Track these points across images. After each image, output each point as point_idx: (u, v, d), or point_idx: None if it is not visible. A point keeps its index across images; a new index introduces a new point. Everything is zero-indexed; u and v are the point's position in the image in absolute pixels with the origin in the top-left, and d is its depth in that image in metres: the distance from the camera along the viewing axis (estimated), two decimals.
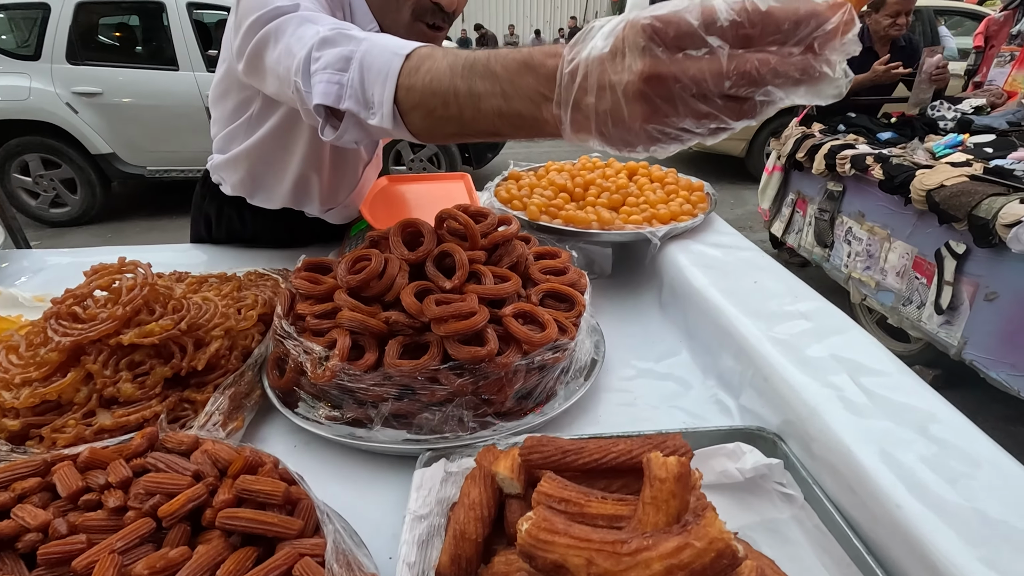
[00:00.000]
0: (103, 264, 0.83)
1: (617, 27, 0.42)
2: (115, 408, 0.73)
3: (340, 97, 0.66)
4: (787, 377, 0.73)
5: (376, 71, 0.63)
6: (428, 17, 0.99)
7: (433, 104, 0.59)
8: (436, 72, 0.58)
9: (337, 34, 0.69)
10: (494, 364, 0.76)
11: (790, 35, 0.38)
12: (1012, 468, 0.59)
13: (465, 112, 0.56)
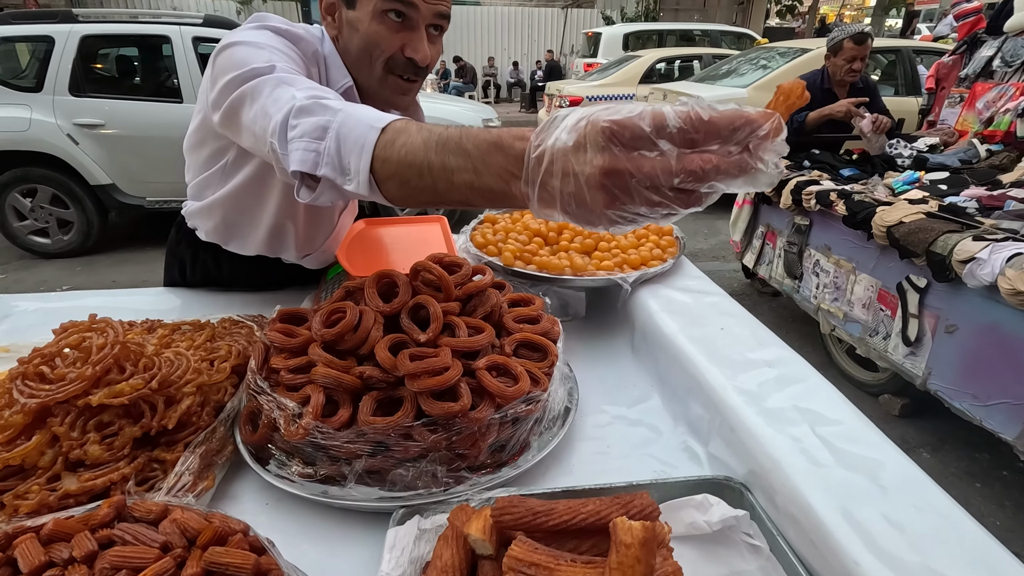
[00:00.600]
0: (73, 322, 0.82)
1: (580, 123, 0.46)
2: (81, 471, 0.72)
3: (317, 164, 0.68)
4: (751, 428, 0.76)
5: (352, 142, 0.66)
6: (401, 71, 1.02)
7: (408, 175, 0.63)
8: (411, 146, 0.62)
9: (314, 103, 0.72)
10: (468, 419, 0.77)
11: (729, 139, 0.44)
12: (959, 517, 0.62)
13: (439, 184, 0.60)
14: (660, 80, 8.43)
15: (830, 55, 3.32)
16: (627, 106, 0.45)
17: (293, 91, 0.78)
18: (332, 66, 1.04)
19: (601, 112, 0.45)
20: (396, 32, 0.97)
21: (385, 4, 0.94)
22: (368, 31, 0.97)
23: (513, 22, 18.00)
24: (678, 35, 11.34)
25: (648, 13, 16.51)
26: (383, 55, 0.99)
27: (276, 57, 0.89)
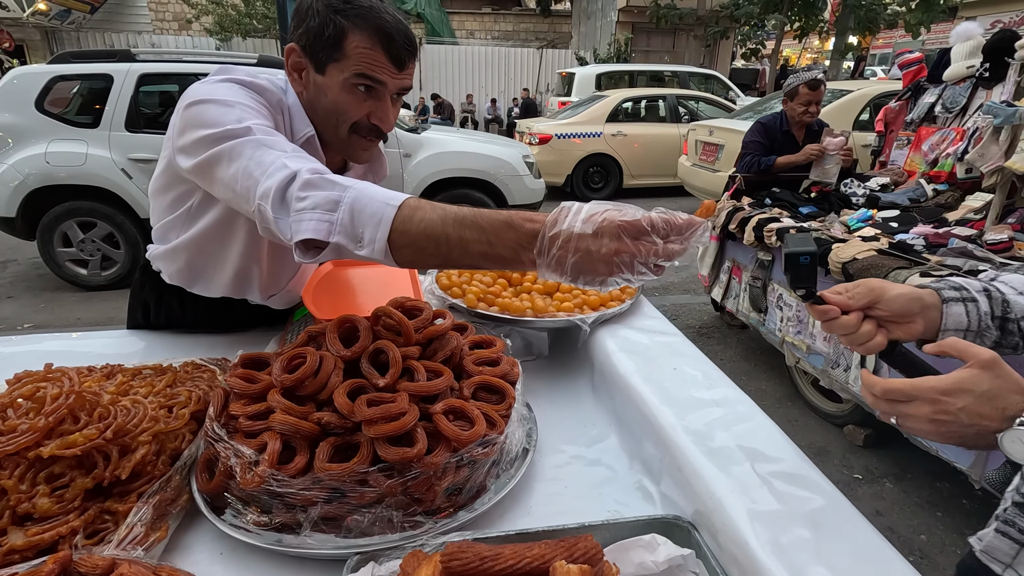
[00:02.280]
0: (27, 372, 0.82)
1: (596, 217, 0.68)
2: (29, 525, 0.71)
3: (330, 233, 0.77)
4: (697, 467, 0.79)
5: (368, 215, 0.76)
6: (365, 133, 1.07)
7: (425, 245, 0.75)
8: (428, 222, 0.75)
9: (320, 178, 0.79)
10: (423, 464, 0.78)
11: (684, 235, 0.68)
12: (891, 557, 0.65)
13: (454, 252, 0.75)
14: (626, 119, 8.76)
15: (787, 99, 3.51)
16: (630, 210, 0.68)
17: (277, 155, 0.85)
18: (295, 116, 1.09)
19: (614, 213, 0.67)
20: (363, 101, 1.03)
21: (355, 79, 1.00)
22: (336, 98, 1.02)
23: (490, 61, 18.51)
24: (648, 76, 11.79)
25: (620, 54, 17.16)
26: (351, 119, 1.04)
27: (247, 115, 0.94)
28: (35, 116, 4.51)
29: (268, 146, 0.87)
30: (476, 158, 5.47)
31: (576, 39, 20.65)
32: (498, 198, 5.55)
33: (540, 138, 8.33)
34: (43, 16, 14.58)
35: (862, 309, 0.80)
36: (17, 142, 4.53)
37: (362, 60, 0.98)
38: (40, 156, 4.50)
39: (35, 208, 4.63)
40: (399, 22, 1.00)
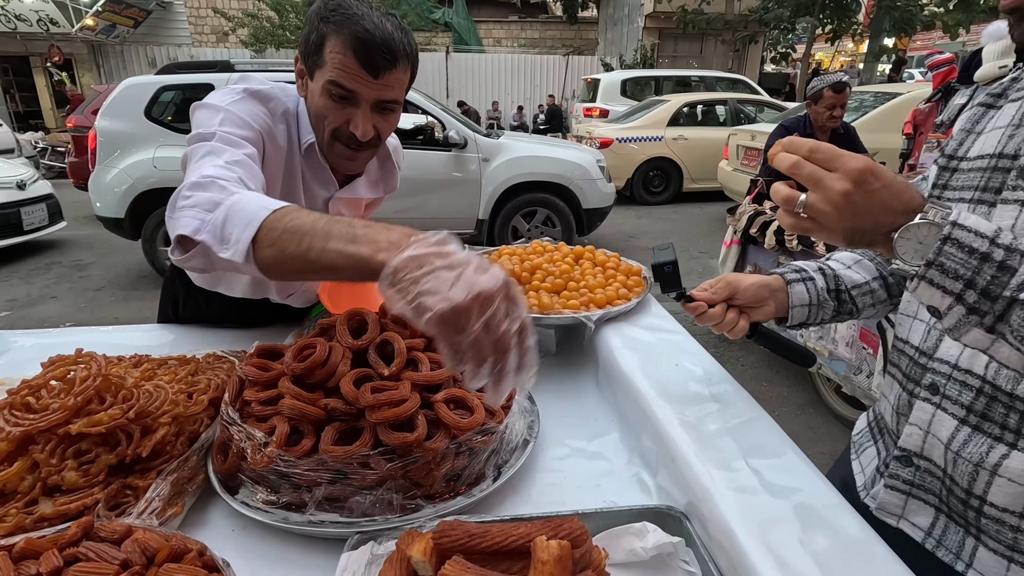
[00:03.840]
0: (60, 356, 0.88)
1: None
2: (57, 496, 0.76)
3: (198, 231, 0.77)
4: (689, 459, 0.80)
5: (242, 216, 0.75)
6: (345, 140, 1.09)
7: (287, 241, 0.71)
8: (299, 219, 0.72)
9: (210, 182, 0.81)
10: (423, 449, 0.81)
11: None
12: (878, 551, 0.65)
13: (316, 242, 0.68)
14: (686, 123, 8.75)
15: (811, 103, 3.46)
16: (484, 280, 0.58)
17: (213, 161, 0.89)
18: (302, 123, 1.14)
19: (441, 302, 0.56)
20: (342, 108, 1.04)
21: (328, 86, 1.01)
22: (319, 103, 1.05)
23: (517, 68, 18.66)
24: (675, 81, 11.72)
25: (646, 60, 17.10)
26: (330, 125, 1.07)
27: (227, 121, 0.99)
28: (144, 123, 4.81)
29: (215, 154, 0.91)
30: (552, 162, 5.53)
31: (602, 45, 20.66)
32: (572, 201, 5.60)
33: (601, 142, 8.34)
34: (90, 31, 15.31)
35: (725, 301, 0.95)
36: (127, 148, 4.83)
37: (335, 67, 0.99)
38: (148, 161, 4.79)
39: (142, 210, 4.90)
40: (382, 30, 0.98)
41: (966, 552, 0.75)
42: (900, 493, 0.82)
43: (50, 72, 16.72)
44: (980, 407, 0.71)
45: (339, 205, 1.29)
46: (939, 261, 0.56)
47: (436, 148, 5.27)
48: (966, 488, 0.73)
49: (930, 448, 0.77)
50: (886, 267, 0.97)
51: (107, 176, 4.86)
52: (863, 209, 0.59)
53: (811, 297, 0.95)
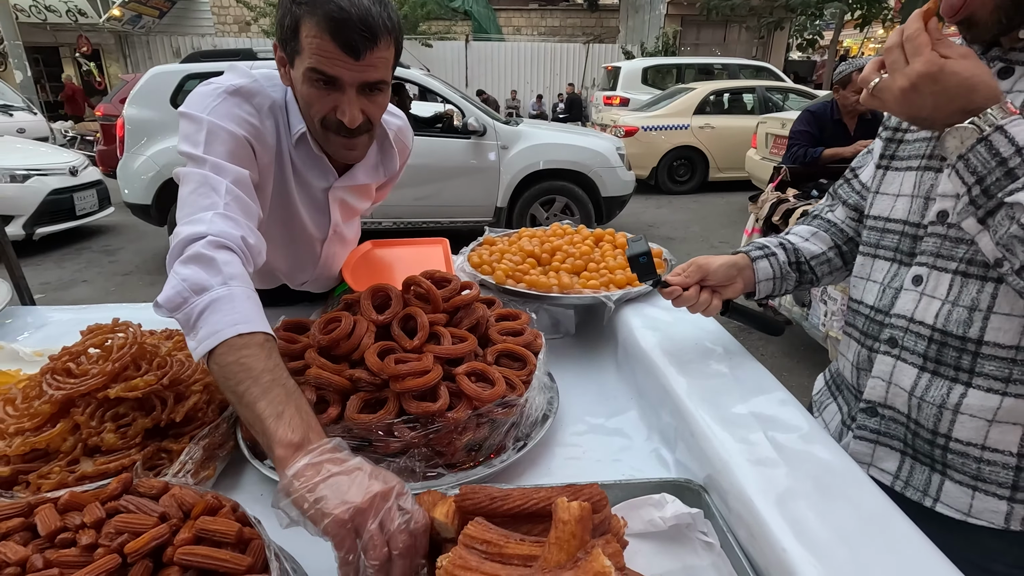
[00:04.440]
0: (98, 324, 0.92)
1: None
2: (97, 456, 0.80)
3: (178, 308, 0.78)
4: (709, 433, 0.81)
5: (214, 321, 0.75)
6: (335, 129, 1.03)
7: (232, 374, 0.73)
8: (251, 360, 0.73)
9: (212, 257, 0.81)
10: (445, 418, 0.83)
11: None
12: (895, 519, 0.65)
13: (246, 396, 0.70)
14: (713, 111, 8.59)
15: (839, 87, 3.39)
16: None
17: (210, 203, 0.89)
18: (292, 112, 1.09)
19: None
20: (326, 94, 0.98)
21: (310, 73, 0.95)
22: (303, 91, 0.99)
23: (536, 57, 18.51)
24: (697, 69, 11.53)
25: (667, 48, 16.82)
26: (318, 114, 1.01)
27: (212, 137, 0.96)
28: (170, 111, 4.86)
29: (211, 187, 0.91)
30: (571, 150, 5.49)
31: (623, 33, 20.38)
32: (591, 189, 5.56)
33: (626, 130, 8.26)
34: (117, 21, 15.57)
35: (697, 283, 1.02)
36: (153, 136, 4.91)
37: (314, 52, 0.92)
38: (174, 149, 4.80)
39: (168, 197, 4.98)
40: (358, 5, 0.90)
41: (933, 488, 0.83)
42: (868, 442, 0.90)
43: (79, 62, 17.06)
44: (934, 354, 0.79)
45: (341, 193, 1.24)
46: (967, 156, 0.66)
47: (455, 136, 5.27)
48: (932, 429, 0.80)
49: (893, 397, 0.85)
50: (840, 237, 1.06)
51: (135, 163, 4.97)
52: (918, 104, 0.68)
53: (775, 271, 1.04)
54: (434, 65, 15.00)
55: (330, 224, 1.26)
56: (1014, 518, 0.77)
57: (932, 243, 0.80)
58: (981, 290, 0.74)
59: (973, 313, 0.75)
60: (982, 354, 0.75)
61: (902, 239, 0.86)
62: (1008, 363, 0.73)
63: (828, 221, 1.08)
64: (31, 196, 5.47)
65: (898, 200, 0.87)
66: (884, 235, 0.90)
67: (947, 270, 0.78)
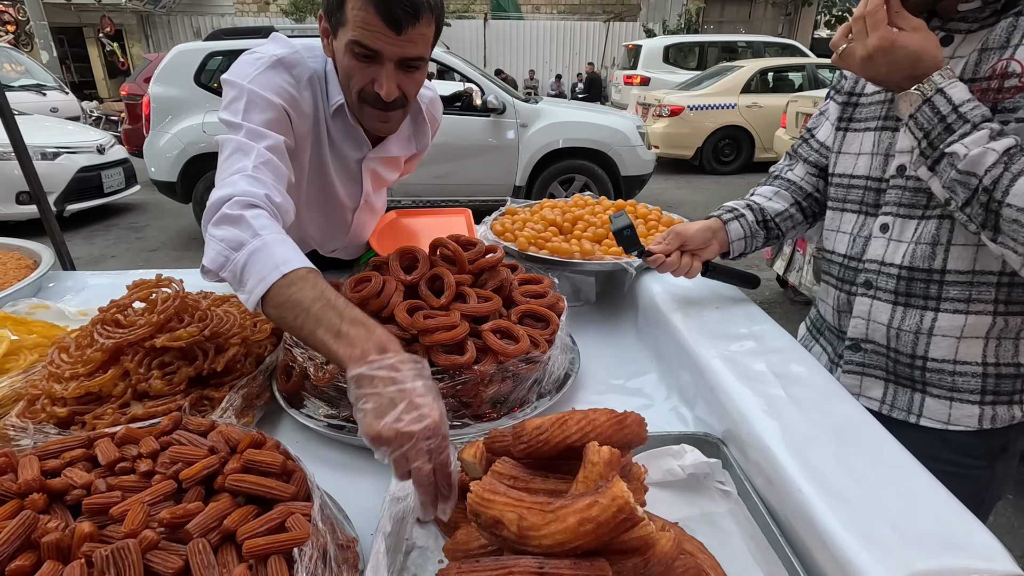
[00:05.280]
0: (143, 279, 0.96)
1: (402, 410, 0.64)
2: (146, 401, 0.85)
3: (223, 267, 0.82)
4: (728, 388, 0.83)
5: (258, 269, 0.79)
6: (372, 102, 1.05)
7: (287, 312, 0.76)
8: (301, 294, 0.76)
9: (239, 216, 0.84)
10: (471, 371, 0.86)
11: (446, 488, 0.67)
12: (912, 467, 0.67)
13: (305, 327, 0.74)
14: (760, 90, 8.45)
15: None
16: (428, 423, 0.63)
17: (240, 167, 0.92)
18: (331, 83, 1.12)
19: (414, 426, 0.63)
20: (366, 67, 1.00)
21: (352, 46, 0.98)
22: (343, 62, 1.02)
23: (555, 35, 18.24)
24: (720, 47, 11.28)
25: (690, 26, 16.44)
26: (356, 86, 1.04)
27: (251, 105, 1.00)
28: (194, 89, 4.94)
29: (244, 152, 0.94)
30: (591, 128, 5.45)
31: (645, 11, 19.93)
32: (610, 168, 5.51)
33: (671, 110, 8.14)
34: (139, 2, 15.68)
35: (678, 249, 1.10)
36: (178, 114, 4.98)
37: (357, 25, 0.95)
38: (198, 127, 4.92)
39: (193, 174, 5.07)
40: None
41: (916, 406, 0.95)
42: (855, 375, 1.01)
43: (102, 43, 17.27)
44: (904, 288, 0.91)
45: (373, 164, 1.28)
46: (915, 116, 0.80)
47: (474, 114, 5.26)
48: (910, 353, 0.92)
49: (873, 332, 0.96)
50: (800, 194, 1.16)
51: (160, 141, 5.05)
52: (874, 70, 0.81)
53: (745, 231, 1.13)
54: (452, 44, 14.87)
55: (362, 194, 1.30)
56: (984, 418, 0.91)
57: (895, 194, 0.92)
58: (940, 226, 0.86)
59: (935, 248, 0.87)
60: (946, 281, 0.87)
61: (866, 192, 0.97)
62: (967, 286, 0.86)
63: (788, 180, 1.18)
64: (61, 173, 5.61)
65: (859, 158, 0.98)
66: (849, 190, 1.01)
67: (911, 216, 0.90)
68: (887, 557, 0.53)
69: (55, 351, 0.89)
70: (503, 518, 0.54)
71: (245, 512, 0.59)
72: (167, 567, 0.53)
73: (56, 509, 0.61)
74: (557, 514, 0.53)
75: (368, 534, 0.72)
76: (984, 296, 0.86)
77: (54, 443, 0.69)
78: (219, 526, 0.57)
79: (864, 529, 0.57)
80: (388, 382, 0.66)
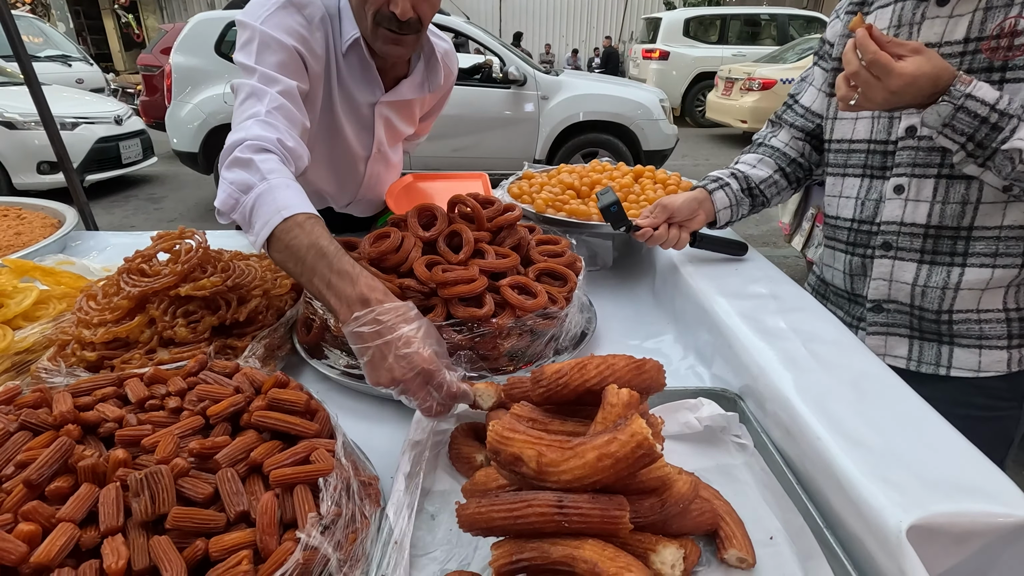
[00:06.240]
0: (167, 231, 0.98)
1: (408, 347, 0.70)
2: (172, 347, 0.87)
3: (233, 210, 0.85)
4: (747, 344, 0.83)
5: (263, 212, 0.82)
6: (387, 24, 1.06)
7: (287, 258, 0.80)
8: (297, 240, 0.78)
9: (248, 160, 0.87)
10: (490, 323, 0.87)
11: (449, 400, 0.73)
12: (932, 418, 0.67)
13: (303, 276, 0.78)
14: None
15: None
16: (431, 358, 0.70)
17: (254, 112, 0.94)
18: (345, 19, 1.13)
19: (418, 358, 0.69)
20: None
21: None
22: None
23: (572, 8, 17.84)
24: (743, 20, 10.97)
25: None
26: (371, 8, 1.05)
27: (263, 47, 1.01)
28: (215, 59, 4.90)
29: (257, 97, 0.96)
30: (613, 101, 5.34)
31: None
32: (632, 142, 5.41)
33: (763, 83, 7.95)
34: None
35: (665, 221, 1.09)
36: (199, 84, 4.95)
37: None
38: (219, 96, 4.89)
39: (214, 145, 5.03)
40: None
41: (944, 358, 0.97)
42: (880, 336, 1.02)
43: (117, 14, 17.23)
44: (930, 247, 0.92)
45: (386, 111, 1.28)
46: (951, 124, 0.79)
47: (494, 85, 5.18)
48: (936, 309, 0.94)
49: (896, 292, 0.97)
50: (783, 160, 1.16)
51: (181, 111, 5.04)
52: (897, 103, 0.80)
53: (730, 199, 1.12)
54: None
55: (374, 141, 1.30)
56: (1013, 361, 0.94)
57: (907, 155, 0.92)
58: (969, 187, 0.88)
59: (965, 207, 0.88)
60: (973, 237, 0.89)
61: (870, 156, 0.98)
62: (995, 241, 0.89)
63: (771, 147, 1.18)
64: (80, 144, 5.66)
65: (858, 123, 0.99)
66: (850, 155, 1.01)
67: (926, 176, 0.91)
68: (904, 499, 0.54)
69: (83, 299, 0.91)
70: (522, 455, 0.55)
71: (271, 446, 0.61)
72: (198, 492, 0.55)
73: (90, 440, 0.63)
74: (576, 450, 0.53)
75: (388, 477, 0.73)
76: (1012, 250, 0.88)
77: (85, 381, 0.71)
78: (246, 458, 0.59)
79: (881, 472, 0.57)
80: (374, 336, 0.69)
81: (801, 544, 0.62)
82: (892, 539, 0.50)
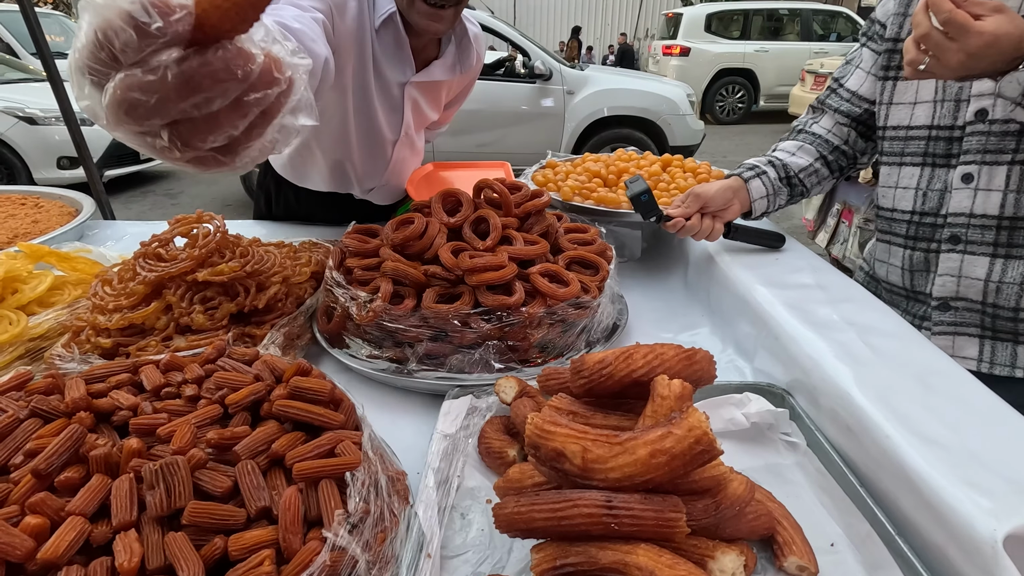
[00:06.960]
0: (185, 215, 0.94)
1: None
2: (189, 335, 0.83)
3: None
4: (795, 335, 0.77)
5: None
6: None
7: None
8: None
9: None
10: (519, 313, 0.82)
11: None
12: (1014, 419, 0.61)
13: None
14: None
15: None
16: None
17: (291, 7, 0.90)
18: None
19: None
20: None
21: None
22: None
23: (586, 5, 17.72)
24: (765, 15, 10.78)
25: None
26: None
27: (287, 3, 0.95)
28: None
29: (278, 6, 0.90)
30: (639, 96, 5.27)
31: None
32: (659, 138, 5.33)
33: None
34: None
35: (698, 211, 1.04)
36: None
37: None
38: None
39: None
40: None
41: (1020, 359, 0.90)
42: (947, 335, 0.95)
43: None
44: (1005, 239, 0.85)
45: (415, 93, 1.25)
46: None
47: (519, 80, 5.11)
48: (1013, 307, 0.87)
49: (965, 289, 0.90)
50: (825, 147, 1.09)
51: None
52: (976, 68, 0.72)
53: (767, 188, 1.07)
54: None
55: (403, 124, 1.27)
56: None
57: (976, 141, 0.85)
58: None
59: None
60: None
61: (931, 143, 0.91)
62: None
63: (812, 134, 1.11)
64: (98, 139, 5.68)
65: (916, 107, 0.92)
66: (908, 143, 0.94)
67: (999, 163, 0.84)
68: (995, 506, 0.48)
69: (98, 284, 0.88)
70: (566, 450, 0.50)
71: (293, 437, 0.57)
72: (216, 486, 0.51)
73: (103, 429, 0.59)
74: (625, 446, 0.49)
75: (415, 472, 0.69)
76: None
77: (100, 367, 0.67)
78: (267, 450, 0.55)
79: (963, 475, 0.52)
80: None
81: (867, 552, 0.57)
82: (985, 550, 0.45)
